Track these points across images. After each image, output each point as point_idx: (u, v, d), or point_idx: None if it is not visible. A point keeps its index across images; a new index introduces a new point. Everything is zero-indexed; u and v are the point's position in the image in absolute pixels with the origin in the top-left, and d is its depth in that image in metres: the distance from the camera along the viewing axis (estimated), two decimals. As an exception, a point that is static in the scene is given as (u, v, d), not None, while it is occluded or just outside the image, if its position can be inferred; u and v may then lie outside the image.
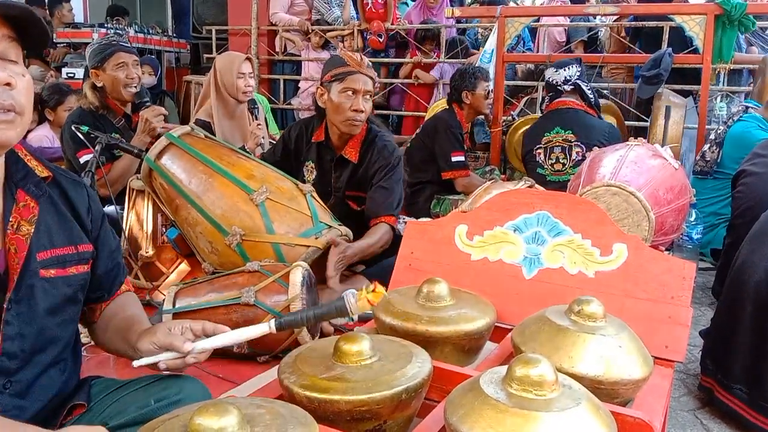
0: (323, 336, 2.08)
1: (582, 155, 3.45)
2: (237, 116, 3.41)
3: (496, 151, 4.67)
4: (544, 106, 3.90)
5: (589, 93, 3.65)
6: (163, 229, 2.61)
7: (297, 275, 1.95)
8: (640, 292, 1.63)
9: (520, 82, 5.54)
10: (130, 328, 1.27)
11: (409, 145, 4.16)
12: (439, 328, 1.46)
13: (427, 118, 4.57)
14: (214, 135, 3.23)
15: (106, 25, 6.53)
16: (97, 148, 2.47)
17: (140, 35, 6.81)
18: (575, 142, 3.53)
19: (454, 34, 6.10)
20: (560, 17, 5.71)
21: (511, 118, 4.90)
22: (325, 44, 6.17)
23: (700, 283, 3.26)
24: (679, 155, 3.69)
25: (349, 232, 2.43)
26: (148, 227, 2.62)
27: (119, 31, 6.13)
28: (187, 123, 3.27)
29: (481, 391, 1.05)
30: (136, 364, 1.21)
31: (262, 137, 3.33)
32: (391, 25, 5.94)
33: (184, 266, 2.63)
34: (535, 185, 2.84)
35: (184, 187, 2.33)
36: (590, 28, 5.70)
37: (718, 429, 1.98)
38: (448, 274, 1.68)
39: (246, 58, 3.41)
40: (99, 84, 2.98)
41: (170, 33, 7.67)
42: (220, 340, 1.23)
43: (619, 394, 1.29)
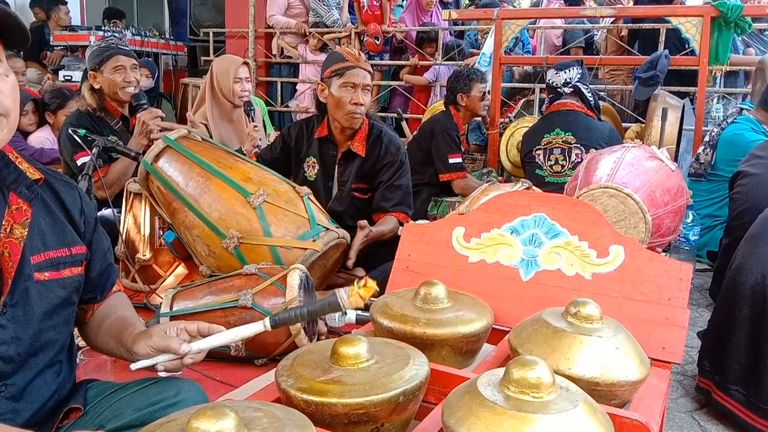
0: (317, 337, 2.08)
1: (581, 157, 3.46)
2: (233, 119, 3.41)
3: (494, 153, 4.68)
4: (545, 108, 3.91)
5: (588, 95, 3.65)
6: (161, 232, 2.61)
7: (294, 278, 1.95)
8: (637, 294, 1.63)
9: (517, 85, 5.55)
10: (124, 330, 1.27)
11: (406, 148, 4.16)
12: (437, 331, 1.46)
13: (424, 121, 4.57)
14: (212, 137, 3.24)
15: (103, 28, 6.53)
16: (94, 150, 2.46)
17: (137, 38, 6.81)
18: (575, 144, 3.53)
19: (450, 37, 6.11)
20: (557, 20, 5.72)
21: (508, 120, 4.91)
22: (323, 47, 6.17)
23: (697, 284, 3.26)
24: (673, 156, 3.69)
25: (347, 235, 2.44)
26: (146, 230, 2.62)
27: (117, 34, 6.13)
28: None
29: (479, 394, 1.05)
30: (134, 367, 1.21)
31: (259, 139, 3.33)
32: (388, 28, 5.95)
33: (182, 269, 2.62)
34: (533, 187, 2.85)
35: (181, 190, 2.32)
36: (586, 30, 5.71)
37: (716, 430, 1.99)
38: (446, 277, 1.68)
39: (243, 63, 3.41)
40: (97, 86, 2.99)
41: (167, 36, 7.66)
42: (216, 340, 1.23)
43: (616, 395, 1.29)
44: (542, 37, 5.95)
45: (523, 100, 5.40)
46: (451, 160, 3.87)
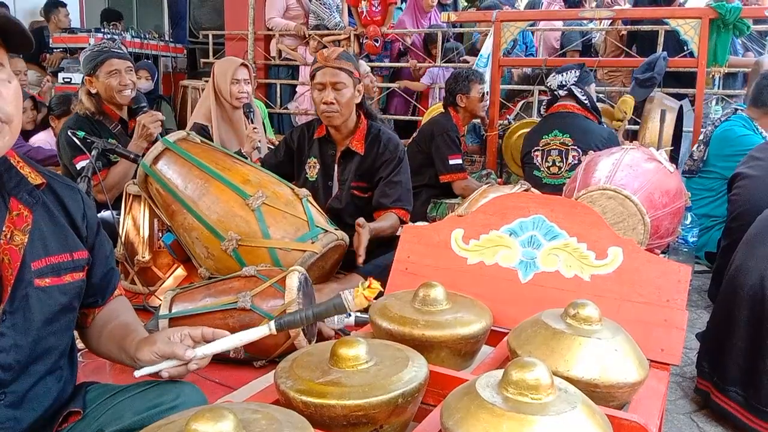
0: (322, 340, 2.08)
1: (578, 159, 3.47)
2: (233, 121, 3.42)
3: (493, 154, 4.68)
4: (542, 110, 3.92)
5: (583, 98, 3.66)
6: (160, 234, 2.61)
7: (293, 279, 1.95)
8: (635, 296, 1.63)
9: (516, 87, 5.55)
10: (126, 336, 1.26)
11: (406, 149, 4.16)
12: (436, 332, 1.47)
13: (424, 122, 4.58)
14: (212, 139, 3.25)
15: (102, 30, 6.52)
16: (93, 153, 2.47)
17: (137, 40, 6.81)
18: (572, 146, 3.54)
19: (453, 41, 6.12)
20: (556, 22, 5.73)
21: (507, 122, 4.91)
22: (323, 49, 6.17)
23: (696, 286, 3.27)
24: (670, 157, 3.72)
25: (345, 236, 2.44)
26: (145, 232, 2.62)
27: (114, 37, 6.13)
28: (184, 128, 3.28)
29: (477, 395, 1.05)
30: (138, 374, 1.20)
31: (258, 141, 3.33)
32: (387, 30, 5.95)
33: (181, 271, 2.62)
34: (532, 189, 2.85)
35: (180, 193, 2.33)
36: (583, 33, 5.72)
37: (715, 432, 1.99)
38: (445, 278, 1.68)
39: (241, 64, 3.41)
40: (93, 91, 2.99)
41: (167, 38, 7.66)
42: (221, 345, 1.22)
43: (615, 397, 1.29)
44: (541, 40, 5.96)
45: (522, 102, 5.41)
46: (452, 162, 3.88)
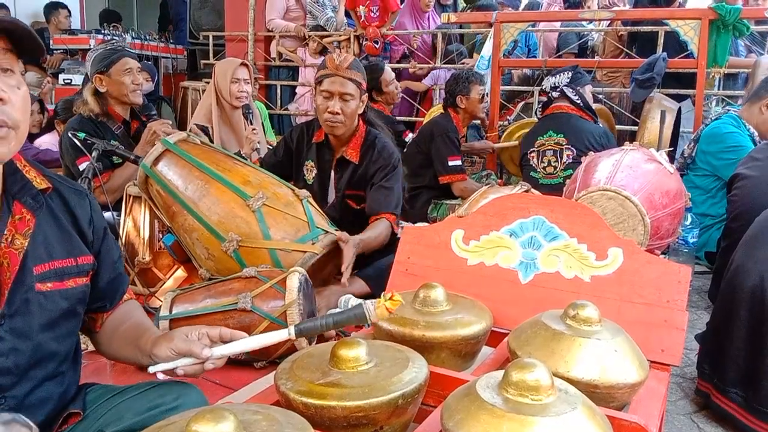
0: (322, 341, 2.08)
1: (572, 158, 3.51)
2: (233, 122, 3.42)
3: (492, 155, 4.68)
4: (538, 112, 3.94)
5: (575, 98, 3.68)
6: (160, 236, 2.61)
7: (294, 281, 1.95)
8: (635, 296, 1.63)
9: (516, 88, 5.55)
10: (142, 335, 1.26)
11: (406, 151, 4.17)
12: (436, 333, 1.47)
13: (424, 123, 4.58)
14: (213, 140, 3.25)
15: (103, 32, 6.52)
16: (94, 154, 2.46)
17: (137, 41, 6.81)
18: (566, 146, 3.57)
19: (454, 43, 6.11)
20: (556, 23, 5.73)
21: (506, 122, 4.91)
22: (323, 50, 6.17)
23: (696, 286, 3.27)
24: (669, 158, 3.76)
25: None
26: (145, 233, 2.62)
27: (116, 37, 6.14)
28: (185, 129, 3.29)
29: (478, 396, 1.05)
30: (152, 370, 1.20)
31: (258, 142, 3.33)
32: (387, 31, 5.95)
33: (181, 272, 2.62)
34: (532, 190, 2.85)
35: (181, 194, 2.33)
36: (580, 36, 5.72)
37: (715, 433, 1.99)
38: (445, 279, 1.69)
39: (242, 64, 3.42)
40: (102, 89, 2.95)
41: (157, 35, 7.64)
42: (238, 346, 1.22)
43: (615, 398, 1.29)
44: (541, 41, 5.96)
45: (522, 103, 5.41)
46: (451, 163, 3.88)
